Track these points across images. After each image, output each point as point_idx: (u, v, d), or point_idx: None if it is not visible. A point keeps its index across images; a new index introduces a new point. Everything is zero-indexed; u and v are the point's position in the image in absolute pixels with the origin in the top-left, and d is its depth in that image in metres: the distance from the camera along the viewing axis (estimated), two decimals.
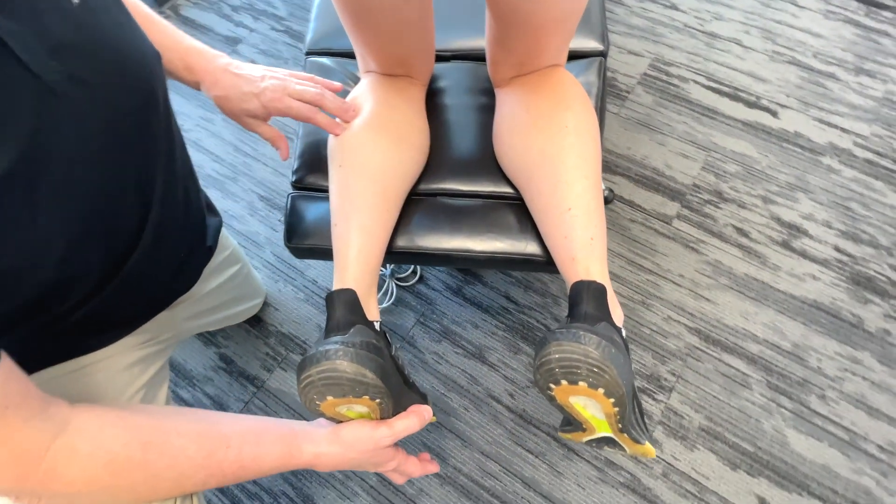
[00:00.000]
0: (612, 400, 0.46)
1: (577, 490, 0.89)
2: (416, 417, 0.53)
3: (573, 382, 0.46)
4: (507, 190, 0.66)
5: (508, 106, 0.64)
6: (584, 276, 0.52)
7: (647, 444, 0.52)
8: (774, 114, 1.19)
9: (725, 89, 1.23)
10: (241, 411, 0.98)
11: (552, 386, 0.48)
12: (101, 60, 0.42)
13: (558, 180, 0.56)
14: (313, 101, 0.61)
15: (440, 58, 0.74)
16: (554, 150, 0.57)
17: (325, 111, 0.62)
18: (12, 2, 0.35)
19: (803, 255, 1.04)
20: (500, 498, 0.89)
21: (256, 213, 1.17)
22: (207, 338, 1.05)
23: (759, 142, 1.16)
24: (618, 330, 0.51)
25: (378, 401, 0.50)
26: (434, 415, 0.59)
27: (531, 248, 0.62)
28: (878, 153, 1.13)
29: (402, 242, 0.63)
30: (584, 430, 0.54)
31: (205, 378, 1.01)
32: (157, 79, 0.49)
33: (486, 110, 0.71)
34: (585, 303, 0.50)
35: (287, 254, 1.12)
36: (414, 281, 1.07)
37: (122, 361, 0.61)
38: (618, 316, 0.52)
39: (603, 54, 0.73)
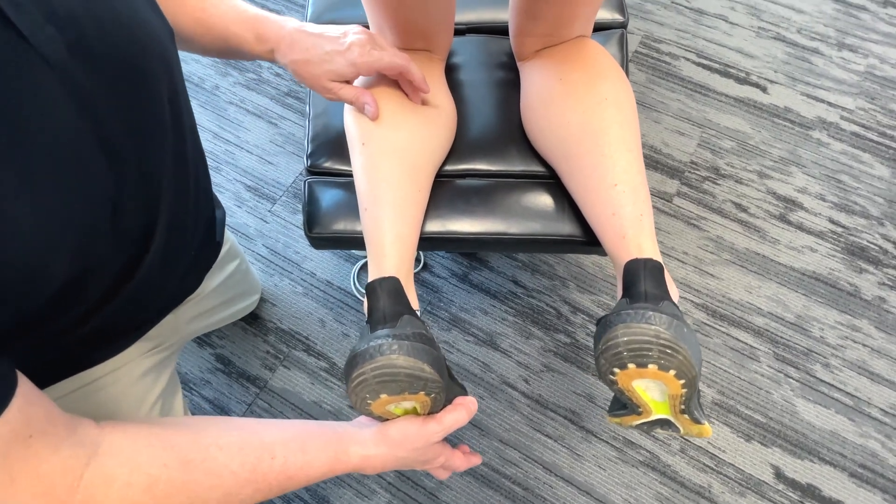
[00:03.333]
0: (682, 381, 0.45)
1: (597, 471, 0.88)
2: (463, 410, 0.50)
3: (642, 365, 0.44)
4: (539, 168, 0.63)
5: (538, 78, 0.61)
6: (636, 253, 0.50)
7: (706, 424, 0.51)
8: (764, 89, 1.20)
9: (716, 66, 1.23)
10: (244, 414, 0.93)
11: (616, 371, 0.46)
12: (105, 32, 0.36)
13: (601, 154, 0.54)
14: (399, 67, 0.55)
15: (455, 31, 0.70)
16: (594, 123, 0.55)
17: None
18: None
19: (800, 227, 1.06)
20: (521, 485, 0.87)
21: (244, 205, 1.10)
22: (201, 339, 0.98)
23: (751, 117, 1.17)
24: (677, 308, 0.49)
25: (433, 395, 0.47)
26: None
27: (569, 228, 0.60)
28: (863, 126, 1.16)
29: (433, 227, 0.60)
30: (639, 414, 0.52)
31: (202, 381, 0.95)
32: (169, 57, 0.44)
33: (508, 85, 0.68)
34: (644, 281, 0.48)
35: (280, 246, 1.06)
36: (418, 269, 1.03)
37: (133, 372, 0.55)
38: (674, 293, 0.51)
39: (623, 25, 0.70)
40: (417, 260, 1.03)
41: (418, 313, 0.53)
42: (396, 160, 0.55)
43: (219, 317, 0.80)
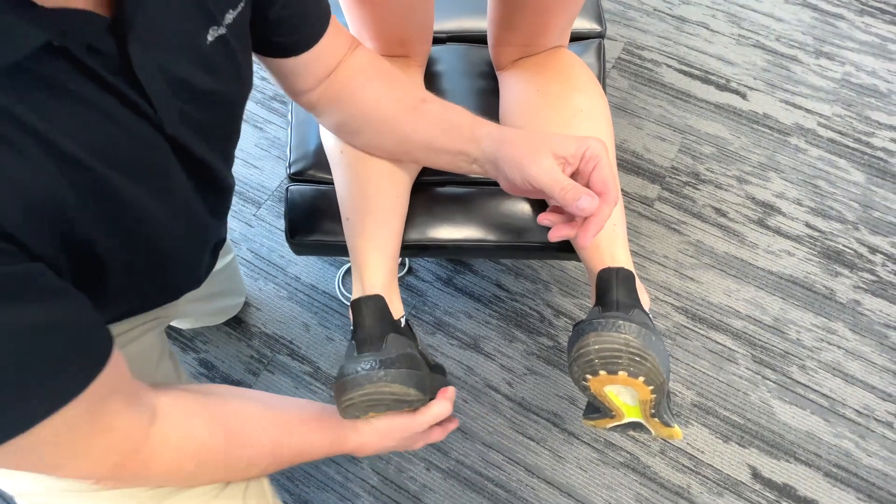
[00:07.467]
0: (651, 387, 0.46)
1: (579, 473, 0.89)
2: (446, 401, 0.53)
3: (613, 372, 0.46)
4: None
5: (516, 89, 0.62)
6: (609, 262, 0.51)
7: (676, 427, 0.52)
8: (743, 96, 1.23)
9: (696, 72, 1.25)
10: None
11: (588, 377, 0.47)
12: (208, 105, 0.40)
13: None
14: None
15: (435, 40, 0.71)
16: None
17: None
18: (144, 28, 0.33)
19: (777, 232, 1.08)
20: (504, 487, 0.88)
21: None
22: (185, 343, 0.98)
23: (731, 123, 1.19)
24: (647, 316, 0.50)
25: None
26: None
27: (546, 235, 0.61)
28: (840, 132, 1.18)
29: (413, 235, 0.60)
30: (612, 417, 0.53)
31: None
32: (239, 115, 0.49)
33: (487, 94, 0.69)
34: (615, 290, 0.49)
35: (265, 250, 1.06)
36: (403, 273, 1.04)
37: (143, 330, 0.58)
38: (645, 301, 0.52)
39: (601, 35, 0.72)
40: (402, 264, 1.04)
41: (403, 319, 0.54)
42: (375, 168, 0.56)
43: (206, 308, 0.82)
